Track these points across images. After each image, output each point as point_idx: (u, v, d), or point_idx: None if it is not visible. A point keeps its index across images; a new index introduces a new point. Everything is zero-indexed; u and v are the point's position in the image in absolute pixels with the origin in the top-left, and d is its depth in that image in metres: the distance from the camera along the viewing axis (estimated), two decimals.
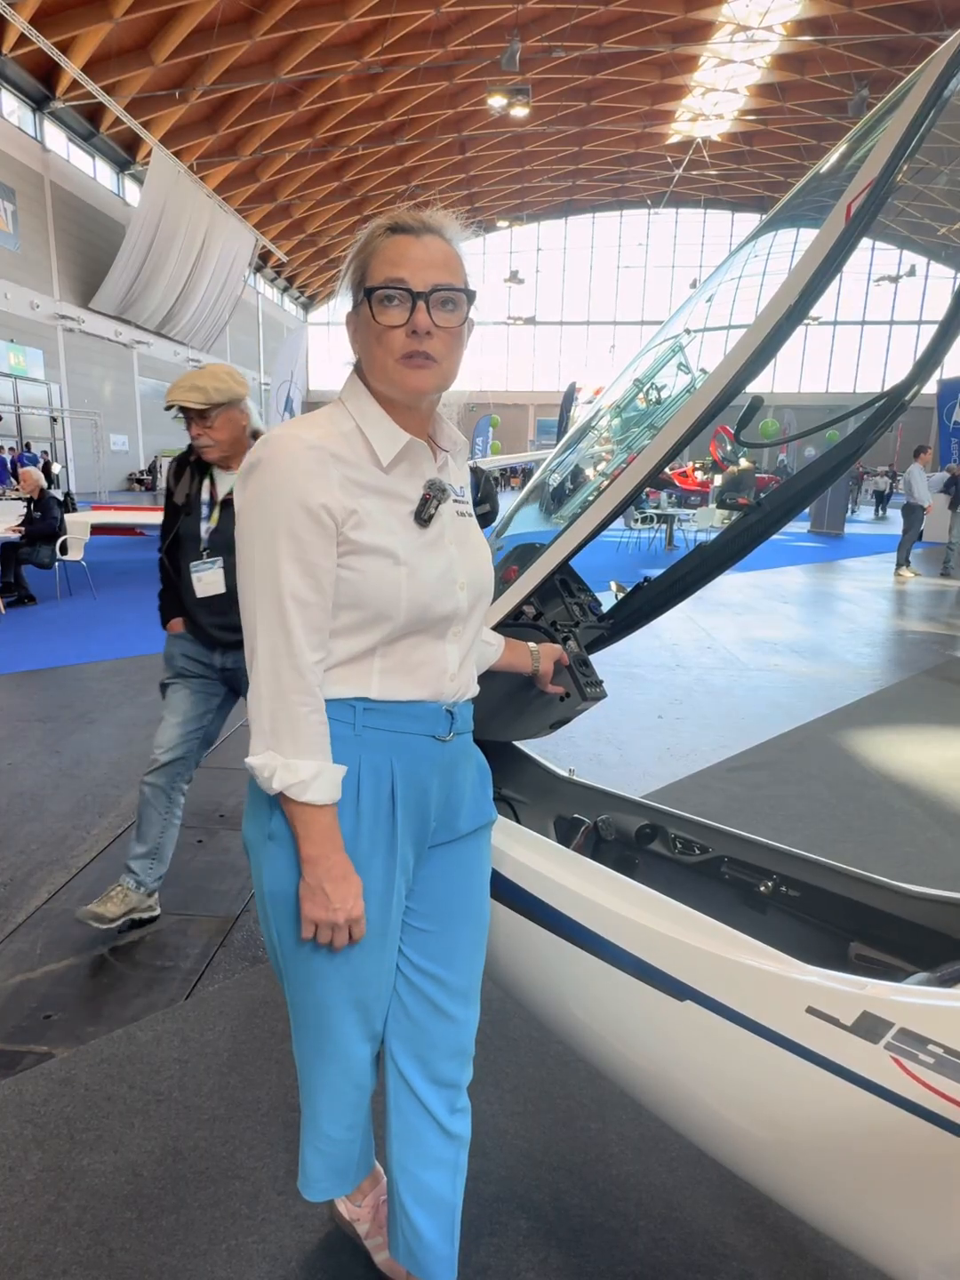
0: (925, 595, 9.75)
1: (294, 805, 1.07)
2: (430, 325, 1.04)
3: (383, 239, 1.06)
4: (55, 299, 22.66)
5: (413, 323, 1.04)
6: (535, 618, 1.59)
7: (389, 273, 1.04)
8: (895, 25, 22.56)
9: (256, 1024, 2.14)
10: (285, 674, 1.05)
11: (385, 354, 1.06)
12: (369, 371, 1.11)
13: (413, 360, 1.06)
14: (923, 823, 3.44)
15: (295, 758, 1.05)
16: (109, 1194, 1.65)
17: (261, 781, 1.07)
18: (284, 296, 41.69)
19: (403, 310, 1.04)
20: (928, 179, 27.37)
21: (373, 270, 1.05)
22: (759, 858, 1.56)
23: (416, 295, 1.03)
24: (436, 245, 1.05)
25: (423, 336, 1.04)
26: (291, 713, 1.05)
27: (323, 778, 1.06)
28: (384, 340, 1.06)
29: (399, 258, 1.04)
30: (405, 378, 1.07)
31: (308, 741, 1.06)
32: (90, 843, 3.11)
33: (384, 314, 1.04)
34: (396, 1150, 1.29)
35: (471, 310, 1.09)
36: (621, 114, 30.64)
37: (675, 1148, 1.78)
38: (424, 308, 1.04)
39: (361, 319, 1.08)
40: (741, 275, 1.57)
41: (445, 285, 1.05)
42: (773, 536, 1.52)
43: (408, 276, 1.03)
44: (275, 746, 1.06)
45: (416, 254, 1.04)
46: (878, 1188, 1.02)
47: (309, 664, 1.05)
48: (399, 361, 1.06)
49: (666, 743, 4.41)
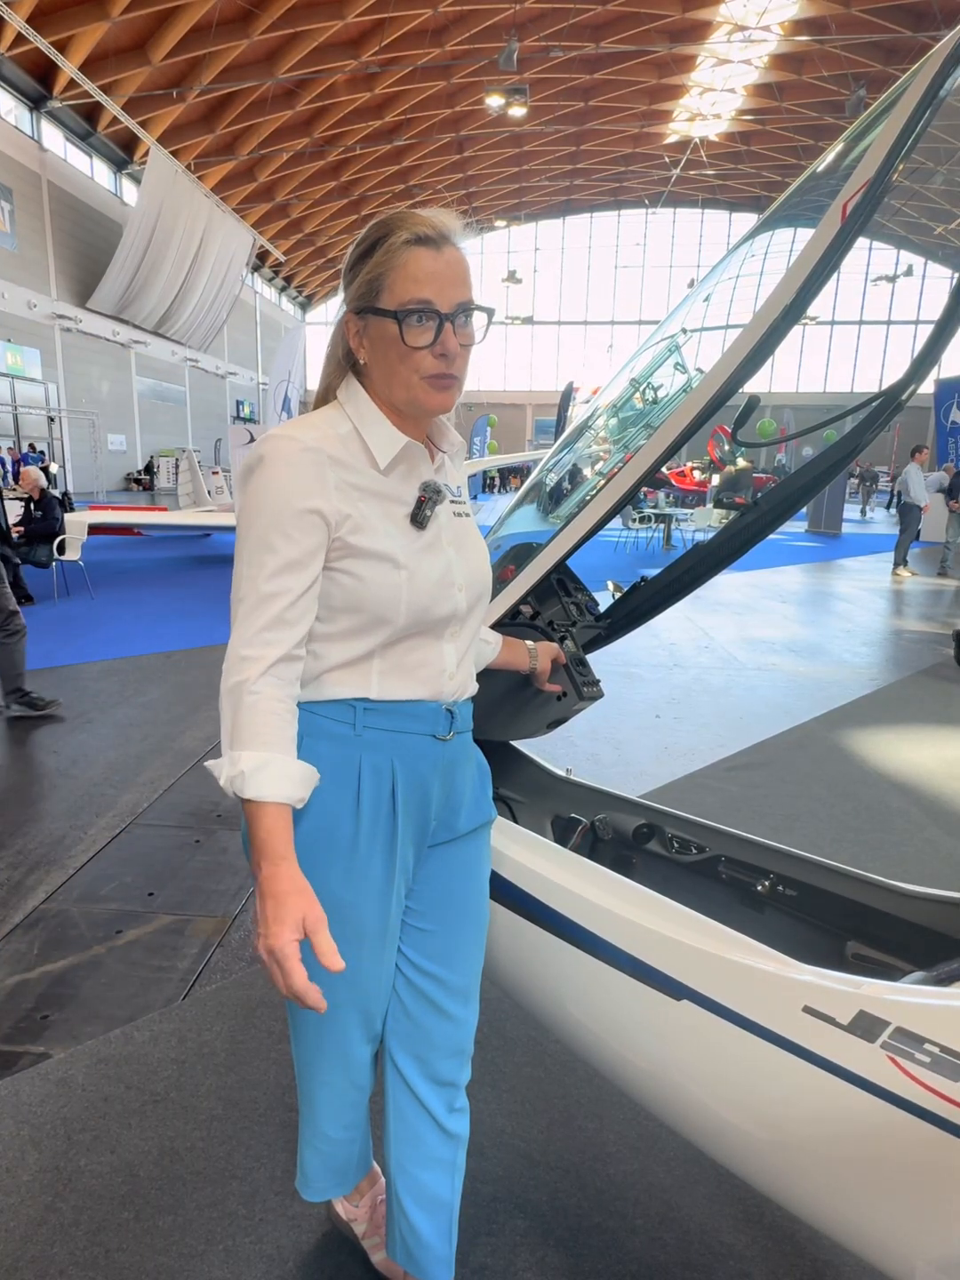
0: (923, 595, 9.76)
1: (246, 805, 0.98)
2: (458, 349, 1.06)
3: (403, 251, 1.03)
4: (53, 298, 22.64)
5: (441, 345, 1.04)
6: (532, 617, 1.59)
7: (415, 292, 1.03)
8: (893, 25, 22.58)
9: (254, 1024, 2.14)
10: (240, 665, 1.00)
11: (410, 372, 1.06)
12: (385, 384, 1.10)
13: (439, 381, 1.07)
14: (920, 822, 3.45)
15: (240, 749, 0.98)
16: (106, 1195, 1.64)
17: (220, 784, 0.99)
18: (282, 296, 41.69)
19: (429, 331, 1.04)
20: (924, 179, 27.40)
21: (394, 285, 1.03)
22: (756, 857, 1.56)
23: (444, 317, 1.03)
24: (454, 256, 1.05)
25: (451, 359, 1.05)
26: (240, 702, 0.99)
27: (268, 771, 0.97)
28: (409, 360, 1.05)
29: (423, 275, 1.03)
30: (430, 398, 1.08)
31: (255, 733, 0.98)
32: (87, 843, 3.11)
33: (412, 334, 1.04)
34: (395, 1150, 1.29)
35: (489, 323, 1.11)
36: (619, 114, 30.65)
37: (672, 1147, 1.78)
38: (451, 330, 1.04)
39: (376, 331, 1.06)
40: (739, 275, 1.57)
41: (467, 304, 1.05)
42: (770, 536, 1.52)
43: (434, 297, 1.03)
44: (231, 742, 0.99)
45: (440, 271, 1.03)
46: (874, 1187, 1.02)
47: (271, 658, 1.01)
48: (425, 380, 1.06)
49: (664, 742, 4.42)
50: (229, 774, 0.97)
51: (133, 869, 2.93)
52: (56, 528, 7.91)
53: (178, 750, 4.10)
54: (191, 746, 4.15)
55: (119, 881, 2.84)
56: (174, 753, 4.07)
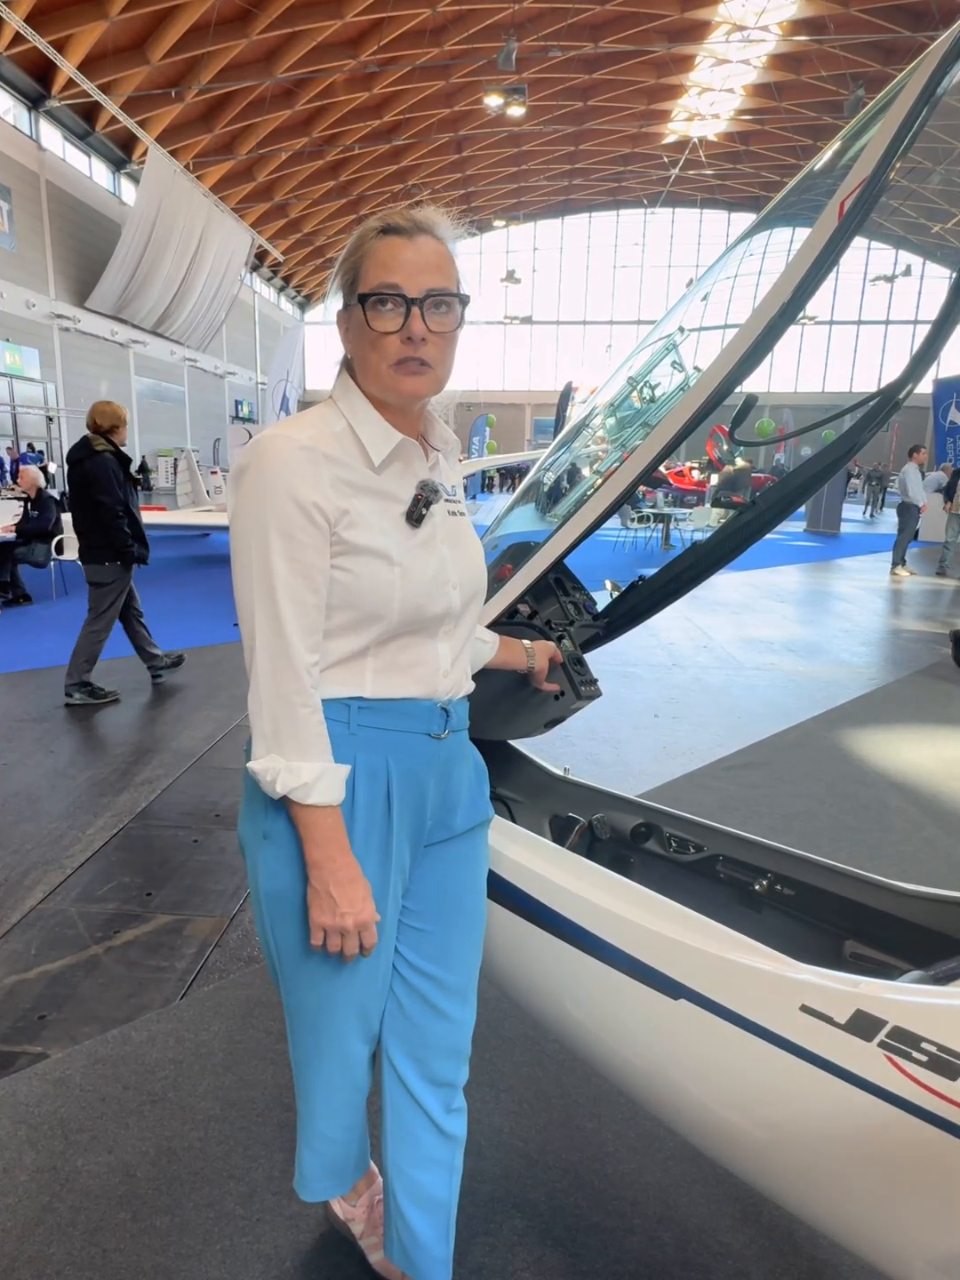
0: (921, 594, 9.76)
1: (298, 808, 1.06)
2: (425, 332, 1.04)
3: (375, 240, 1.05)
4: (51, 298, 22.61)
5: (408, 329, 1.03)
6: (530, 616, 1.59)
7: (382, 277, 1.03)
8: (891, 25, 22.59)
9: (252, 1024, 2.14)
10: (284, 675, 1.04)
11: (379, 359, 1.06)
12: (362, 375, 1.10)
13: (407, 366, 1.06)
14: (918, 821, 3.45)
15: (298, 760, 1.04)
16: (103, 1195, 1.64)
17: (265, 785, 1.06)
18: (280, 296, 41.66)
19: (397, 316, 1.03)
20: (922, 178, 27.41)
21: (365, 273, 1.05)
22: (754, 856, 1.56)
23: (411, 301, 1.03)
24: (429, 246, 1.05)
25: (418, 343, 1.04)
26: (293, 714, 1.04)
27: (325, 779, 1.05)
28: (378, 346, 1.05)
29: (392, 261, 1.03)
30: (400, 383, 1.07)
31: (309, 743, 1.05)
32: (85, 843, 3.10)
33: (378, 320, 1.04)
34: (392, 1150, 1.29)
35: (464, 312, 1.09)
36: (618, 114, 30.63)
37: (670, 1146, 1.78)
38: (419, 314, 1.03)
39: (354, 322, 1.08)
40: (736, 274, 1.56)
41: (439, 290, 1.04)
42: (768, 536, 1.52)
43: (401, 281, 1.03)
44: (277, 749, 1.05)
45: (409, 257, 1.03)
46: (872, 1185, 1.02)
47: (306, 665, 1.05)
48: (393, 367, 1.06)
49: (662, 741, 4.41)
50: (290, 784, 1.04)
51: (131, 869, 2.93)
52: (53, 527, 7.90)
53: (176, 750, 4.10)
54: (190, 746, 4.15)
55: (117, 881, 2.84)
56: (172, 752, 4.06)
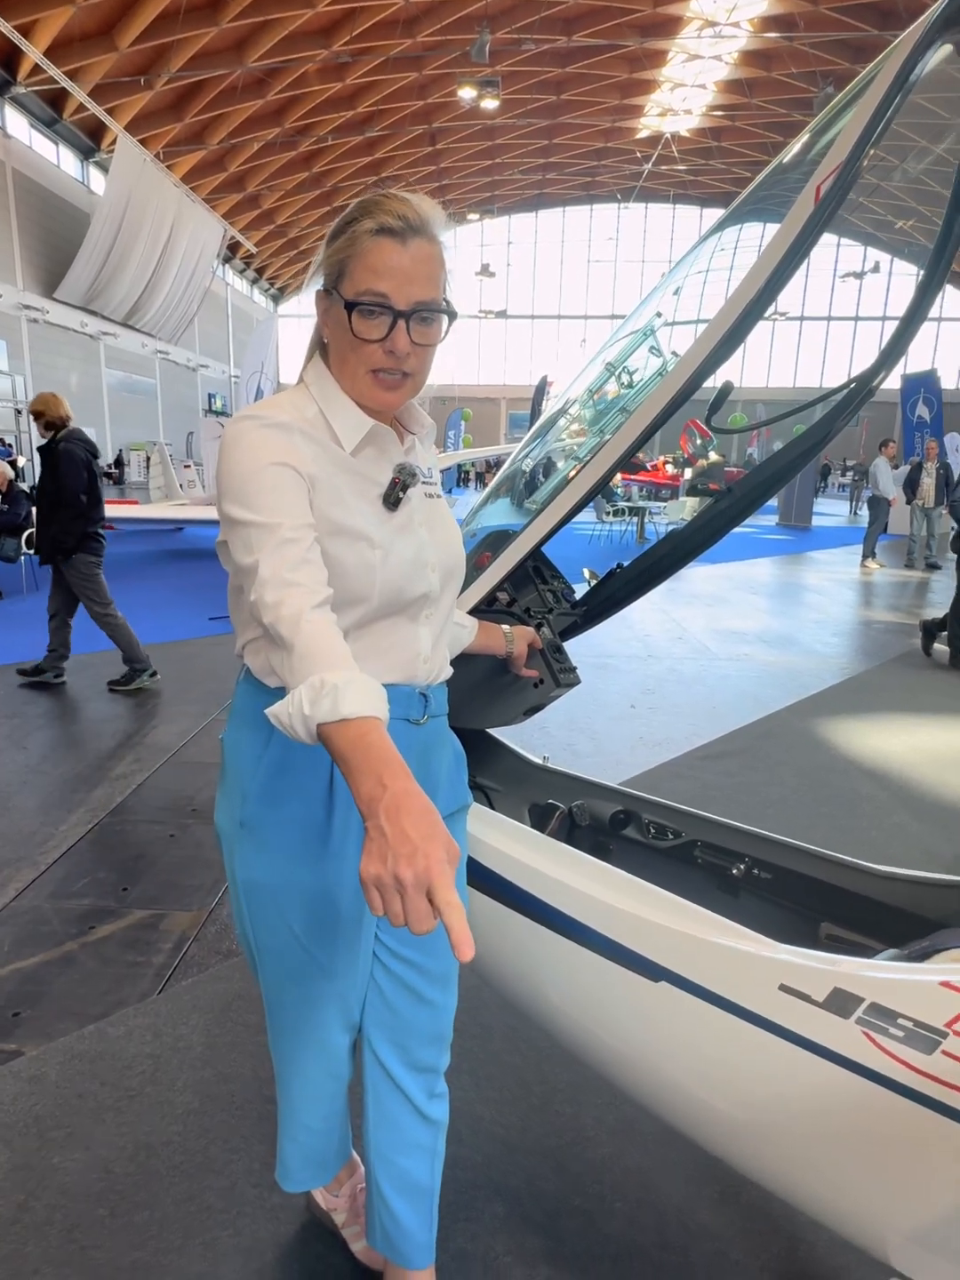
0: (891, 586, 9.91)
1: (334, 737, 0.81)
2: (409, 346, 1.02)
3: (366, 240, 0.99)
4: (19, 289, 22.19)
5: (391, 342, 1.01)
6: (509, 604, 1.59)
7: (371, 284, 0.99)
8: (859, 24, 22.83)
9: (230, 1017, 2.12)
10: (292, 595, 0.91)
11: (358, 362, 1.04)
12: (338, 368, 1.08)
13: (385, 380, 1.04)
14: (889, 806, 3.50)
15: (321, 671, 0.85)
16: (80, 1192, 1.62)
17: (289, 726, 0.85)
18: (253, 288, 41.22)
19: (382, 326, 1.01)
20: (886, 174, 27.75)
21: (353, 273, 1.01)
22: (731, 841, 1.58)
23: (398, 314, 1.00)
24: (422, 253, 1.00)
25: (401, 357, 1.02)
26: (299, 629, 0.89)
27: (356, 686, 0.83)
28: (359, 350, 1.03)
29: (382, 267, 0.99)
30: (375, 394, 1.06)
31: (330, 653, 0.87)
32: (58, 839, 3.06)
33: (362, 326, 1.01)
34: (374, 1137, 1.28)
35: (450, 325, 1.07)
36: (591, 108, 30.65)
37: (650, 1130, 1.79)
38: (404, 328, 1.01)
39: (336, 314, 1.04)
40: (708, 268, 1.57)
41: (427, 304, 1.01)
42: (741, 529, 1.53)
43: (390, 291, 0.99)
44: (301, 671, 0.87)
45: (402, 266, 0.99)
46: (849, 1160, 1.04)
47: (314, 591, 0.93)
48: (371, 375, 1.04)
49: (639, 731, 4.44)
50: (312, 699, 0.82)
51: (106, 864, 2.89)
52: (24, 521, 7.77)
53: (151, 744, 4.05)
54: (165, 741, 4.11)
55: (92, 877, 2.81)
56: (147, 747, 4.02)
